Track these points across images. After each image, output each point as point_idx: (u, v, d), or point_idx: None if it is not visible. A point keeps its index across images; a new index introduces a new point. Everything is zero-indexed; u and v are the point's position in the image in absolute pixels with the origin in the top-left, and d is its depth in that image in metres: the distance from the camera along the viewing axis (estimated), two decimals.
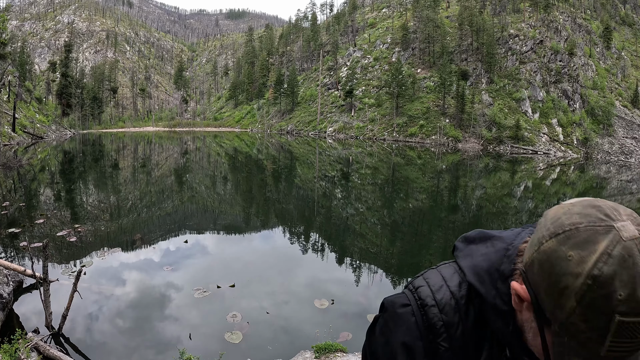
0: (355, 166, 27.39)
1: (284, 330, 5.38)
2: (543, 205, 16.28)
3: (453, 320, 0.75)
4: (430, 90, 58.50)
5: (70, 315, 4.99)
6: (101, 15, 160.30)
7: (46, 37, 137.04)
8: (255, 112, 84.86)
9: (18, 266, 5.74)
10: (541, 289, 0.62)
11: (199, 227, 10.70)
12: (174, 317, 5.59)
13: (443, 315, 0.76)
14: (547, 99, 52.86)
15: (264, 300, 6.19)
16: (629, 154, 48.52)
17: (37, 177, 18.38)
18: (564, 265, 0.58)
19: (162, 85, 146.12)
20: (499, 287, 0.73)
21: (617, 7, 75.59)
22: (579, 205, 0.62)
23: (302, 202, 15.30)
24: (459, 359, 0.76)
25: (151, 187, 18.25)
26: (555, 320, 0.61)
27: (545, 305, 0.62)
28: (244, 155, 34.95)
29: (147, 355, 4.72)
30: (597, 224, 0.58)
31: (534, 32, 59.66)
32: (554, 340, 0.63)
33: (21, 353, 3.85)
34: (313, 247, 9.28)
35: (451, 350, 0.76)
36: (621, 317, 0.54)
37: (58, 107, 70.29)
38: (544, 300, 0.62)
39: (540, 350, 0.66)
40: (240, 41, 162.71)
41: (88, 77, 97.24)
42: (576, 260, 0.57)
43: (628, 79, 62.49)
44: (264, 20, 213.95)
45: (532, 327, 0.68)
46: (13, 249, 7.99)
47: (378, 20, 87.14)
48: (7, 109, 40.95)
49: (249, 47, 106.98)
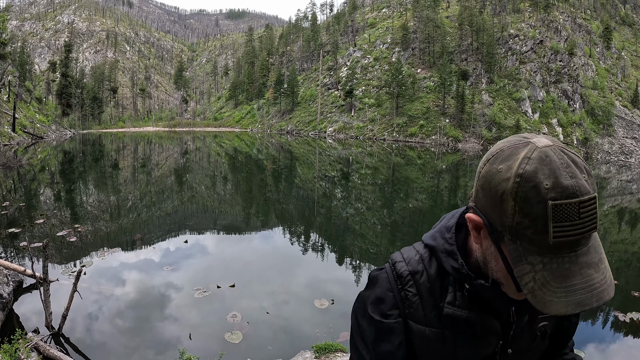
0: (355, 166, 27.39)
1: (284, 330, 5.38)
2: None
3: (417, 269, 0.90)
4: (430, 90, 58.47)
5: (70, 315, 4.99)
6: (101, 15, 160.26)
7: (46, 37, 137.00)
8: (255, 112, 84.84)
9: (18, 266, 5.74)
10: (488, 207, 0.74)
11: (199, 227, 10.70)
12: (174, 317, 5.59)
13: (409, 267, 0.90)
14: (547, 99, 52.85)
15: (264, 300, 6.19)
16: (629, 154, 48.51)
17: (37, 177, 18.39)
18: (497, 176, 0.71)
19: (162, 85, 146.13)
20: (445, 236, 0.89)
21: (617, 7, 75.56)
22: (504, 139, 0.77)
23: (302, 202, 15.30)
24: (428, 305, 0.87)
25: (151, 187, 18.26)
26: (505, 228, 0.71)
27: (495, 221, 0.73)
28: (243, 155, 34.96)
29: (147, 355, 4.72)
30: (517, 143, 0.73)
31: (534, 32, 59.66)
32: (509, 250, 0.72)
33: (21, 353, 3.85)
34: (313, 247, 9.28)
35: (419, 296, 0.88)
36: (553, 202, 0.64)
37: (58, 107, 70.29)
38: (492, 217, 0.73)
39: (505, 272, 0.76)
40: (240, 41, 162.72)
41: (88, 77, 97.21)
42: (505, 169, 0.70)
43: (628, 79, 62.45)
44: (264, 20, 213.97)
45: (492, 252, 0.77)
46: (13, 249, 7.99)
47: (378, 20, 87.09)
48: (7, 109, 40.95)
49: (249, 47, 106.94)
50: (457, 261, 0.85)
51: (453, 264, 0.86)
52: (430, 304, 0.87)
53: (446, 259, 0.87)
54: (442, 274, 0.88)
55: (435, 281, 0.88)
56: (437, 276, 0.88)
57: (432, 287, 0.88)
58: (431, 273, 0.89)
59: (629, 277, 8.02)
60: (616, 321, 5.93)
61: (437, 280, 0.88)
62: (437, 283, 0.88)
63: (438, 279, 0.88)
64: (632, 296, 6.73)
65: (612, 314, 6.15)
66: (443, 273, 0.88)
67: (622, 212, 16.02)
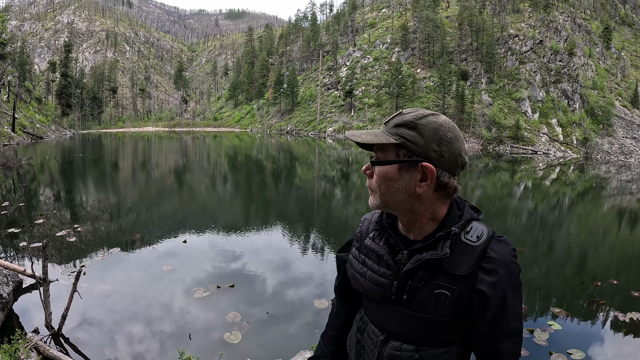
0: (355, 166, 27.40)
1: (283, 330, 5.38)
2: (543, 204, 16.30)
3: (366, 218, 1.36)
4: (430, 90, 58.47)
5: (70, 315, 4.98)
6: (101, 15, 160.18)
7: (46, 37, 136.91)
8: (255, 112, 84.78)
9: (18, 266, 5.74)
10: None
11: (199, 227, 10.70)
12: (174, 317, 5.59)
13: (366, 217, 1.37)
14: (546, 99, 52.84)
15: (264, 300, 6.19)
16: (628, 154, 48.52)
17: (36, 177, 18.38)
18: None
19: (161, 85, 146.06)
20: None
21: (617, 7, 75.53)
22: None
23: (301, 202, 15.31)
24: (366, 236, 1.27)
25: (151, 187, 18.25)
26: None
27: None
28: (243, 155, 34.96)
29: (147, 355, 4.71)
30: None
31: (534, 32, 59.65)
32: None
33: (21, 353, 3.85)
34: (313, 247, 9.28)
35: (360, 232, 1.32)
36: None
37: (58, 107, 70.24)
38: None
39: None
40: (240, 41, 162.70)
41: (88, 77, 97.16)
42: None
43: (628, 79, 62.44)
44: (264, 20, 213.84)
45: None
46: (13, 249, 7.99)
47: (378, 20, 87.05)
48: (6, 109, 40.94)
49: (248, 47, 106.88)
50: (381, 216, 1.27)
51: (378, 217, 1.28)
52: (372, 240, 1.25)
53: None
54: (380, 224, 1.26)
55: (373, 224, 1.30)
56: (378, 223, 1.26)
57: (368, 229, 1.31)
58: (372, 219, 1.33)
59: (629, 277, 8.02)
60: (616, 321, 5.93)
61: (376, 225, 1.27)
62: (374, 227, 1.27)
63: (377, 225, 1.26)
64: (632, 296, 6.73)
65: (612, 314, 6.15)
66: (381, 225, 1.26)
67: (622, 212, 16.03)
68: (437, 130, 1.07)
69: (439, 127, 1.08)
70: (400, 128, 1.09)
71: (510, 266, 1.06)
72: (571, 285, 7.49)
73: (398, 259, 1.14)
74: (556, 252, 9.52)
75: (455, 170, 1.10)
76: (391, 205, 1.13)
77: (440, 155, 1.07)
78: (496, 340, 1.06)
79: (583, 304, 6.53)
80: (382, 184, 1.12)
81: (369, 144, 1.13)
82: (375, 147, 1.14)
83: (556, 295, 6.85)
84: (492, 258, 1.05)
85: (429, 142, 1.07)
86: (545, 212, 14.57)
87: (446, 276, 1.06)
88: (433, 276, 1.07)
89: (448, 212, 1.14)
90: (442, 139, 1.07)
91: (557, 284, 7.37)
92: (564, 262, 8.84)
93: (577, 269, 8.58)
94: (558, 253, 9.49)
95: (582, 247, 10.43)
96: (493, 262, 1.05)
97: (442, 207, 1.13)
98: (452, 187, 1.10)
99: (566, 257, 9.33)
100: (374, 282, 1.17)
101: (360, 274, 1.22)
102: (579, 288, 7.26)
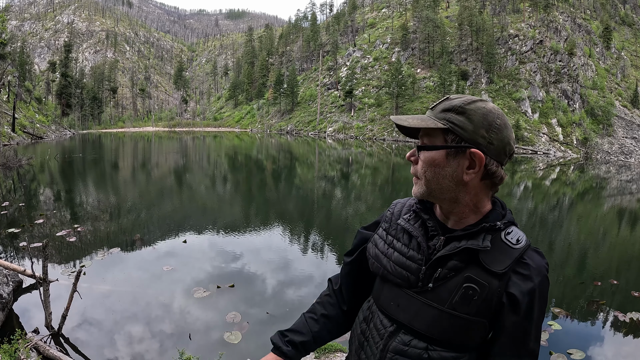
0: (355, 166, 27.40)
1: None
2: (543, 204, 16.30)
3: (399, 201, 1.33)
4: (430, 90, 58.48)
5: (70, 315, 4.98)
6: (101, 15, 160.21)
7: (46, 37, 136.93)
8: (255, 112, 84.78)
9: (18, 266, 5.74)
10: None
11: (199, 227, 10.70)
12: (174, 317, 5.59)
13: (398, 200, 1.34)
14: (546, 99, 52.84)
15: (264, 300, 6.19)
16: (628, 154, 48.53)
17: (36, 177, 18.38)
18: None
19: (161, 85, 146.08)
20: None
21: (617, 7, 75.55)
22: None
23: (301, 202, 15.31)
24: (398, 218, 1.25)
25: (151, 187, 18.25)
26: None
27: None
28: (243, 155, 34.96)
29: (147, 355, 4.71)
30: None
31: (534, 32, 59.65)
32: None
33: (21, 353, 3.85)
34: (313, 247, 9.28)
35: (392, 214, 1.28)
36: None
37: (58, 107, 70.25)
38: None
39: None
40: (240, 41, 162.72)
41: (88, 77, 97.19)
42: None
43: (628, 79, 62.45)
44: (264, 20, 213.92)
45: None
46: (13, 249, 7.99)
47: (378, 20, 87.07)
48: (6, 109, 40.95)
49: (248, 47, 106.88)
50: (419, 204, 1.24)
51: (415, 205, 1.24)
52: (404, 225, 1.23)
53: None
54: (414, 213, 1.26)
55: (406, 208, 1.30)
56: (409, 208, 1.28)
57: (401, 211, 1.29)
58: (405, 204, 1.33)
59: (629, 277, 8.02)
60: (616, 321, 5.93)
61: (409, 209, 1.27)
62: (407, 210, 1.27)
63: (410, 210, 1.26)
64: (632, 296, 6.73)
65: (612, 314, 6.15)
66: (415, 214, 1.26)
67: (622, 212, 16.03)
68: (486, 116, 1.04)
69: (488, 112, 1.04)
70: (448, 113, 1.05)
71: (543, 278, 1.03)
72: (571, 285, 7.49)
73: (432, 244, 1.10)
74: (556, 252, 9.52)
75: (504, 159, 1.07)
76: (436, 194, 1.10)
77: (489, 142, 1.03)
78: (511, 356, 1.02)
79: (583, 304, 6.53)
80: (428, 170, 1.08)
81: (414, 128, 1.10)
82: (421, 132, 1.11)
83: (556, 295, 6.85)
84: (528, 265, 1.03)
85: (477, 128, 1.03)
86: (545, 212, 14.57)
87: (480, 270, 1.02)
88: (465, 268, 1.03)
89: (493, 208, 1.11)
90: (491, 125, 1.04)
91: (557, 284, 7.37)
92: (564, 262, 8.84)
93: (577, 269, 8.58)
94: (558, 253, 9.49)
95: (582, 247, 10.44)
96: (529, 269, 1.02)
97: (485, 199, 1.10)
98: (499, 176, 1.07)
99: (566, 257, 9.33)
100: (399, 264, 1.13)
101: (385, 255, 1.18)
102: (579, 288, 7.26)
